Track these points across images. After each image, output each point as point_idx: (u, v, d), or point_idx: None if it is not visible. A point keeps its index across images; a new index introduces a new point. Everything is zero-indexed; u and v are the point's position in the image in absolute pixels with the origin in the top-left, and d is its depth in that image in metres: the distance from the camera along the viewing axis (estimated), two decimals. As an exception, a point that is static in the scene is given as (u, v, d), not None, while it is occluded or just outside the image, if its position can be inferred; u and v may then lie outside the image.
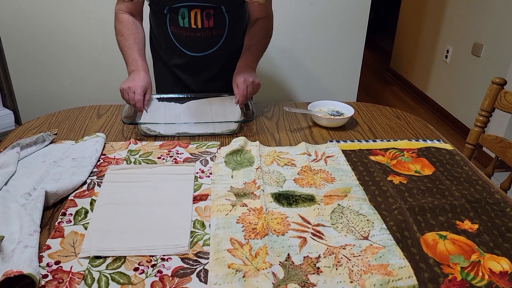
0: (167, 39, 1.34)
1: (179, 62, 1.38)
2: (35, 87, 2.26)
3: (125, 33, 1.26)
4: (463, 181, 0.95)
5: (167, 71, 1.42)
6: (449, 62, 3.15)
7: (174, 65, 1.40)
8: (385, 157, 1.06)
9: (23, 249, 0.68)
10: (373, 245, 0.75)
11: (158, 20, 1.32)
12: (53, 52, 2.19)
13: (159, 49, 1.42)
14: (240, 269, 0.69)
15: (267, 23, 1.35)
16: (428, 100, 3.48)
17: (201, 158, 1.04)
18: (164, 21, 1.30)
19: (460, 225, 0.81)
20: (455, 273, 0.70)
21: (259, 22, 1.33)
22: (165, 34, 1.33)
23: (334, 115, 1.25)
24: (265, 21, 1.34)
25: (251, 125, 1.24)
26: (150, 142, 1.11)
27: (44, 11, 2.08)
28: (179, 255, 0.73)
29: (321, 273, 0.69)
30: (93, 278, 0.67)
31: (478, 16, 2.80)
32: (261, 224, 0.79)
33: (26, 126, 1.21)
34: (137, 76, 1.21)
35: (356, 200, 0.88)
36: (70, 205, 0.85)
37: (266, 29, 1.35)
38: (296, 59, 2.36)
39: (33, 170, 0.96)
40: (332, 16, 2.26)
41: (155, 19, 1.35)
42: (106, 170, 0.97)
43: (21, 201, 0.83)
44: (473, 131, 1.33)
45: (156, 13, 1.33)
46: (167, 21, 1.29)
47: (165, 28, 1.31)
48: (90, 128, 1.19)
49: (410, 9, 3.85)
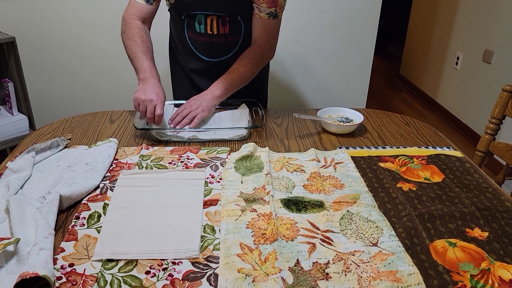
0: (184, 44, 1.37)
1: (195, 67, 1.41)
2: (48, 93, 2.30)
3: (138, 40, 1.27)
4: (473, 189, 0.95)
5: (184, 76, 1.45)
6: (460, 69, 3.14)
7: (191, 69, 1.42)
8: (395, 164, 1.06)
9: (39, 251, 0.69)
10: (382, 252, 0.75)
11: (177, 25, 1.36)
12: (66, 60, 2.23)
13: (177, 54, 1.45)
14: (250, 274, 0.70)
15: (260, 50, 1.30)
16: (438, 107, 3.47)
17: (211, 164, 1.05)
18: (182, 26, 1.33)
19: (470, 232, 0.81)
20: (464, 281, 0.70)
21: (254, 46, 1.30)
22: (182, 39, 1.36)
23: (344, 121, 1.25)
24: (260, 46, 1.29)
25: (261, 131, 1.25)
26: (161, 147, 1.13)
27: (57, 21, 2.13)
28: (190, 259, 0.74)
29: (330, 279, 0.69)
30: (106, 281, 0.69)
31: (489, 22, 2.79)
32: (271, 229, 0.80)
33: (41, 131, 1.23)
34: (157, 88, 1.19)
35: (365, 206, 0.88)
36: (84, 208, 0.87)
37: (255, 56, 1.29)
38: (306, 66, 2.37)
39: (48, 174, 0.98)
40: (342, 22, 2.27)
41: (174, 25, 1.39)
42: (119, 174, 0.98)
43: (36, 205, 0.85)
44: (484, 138, 1.32)
45: (175, 19, 1.36)
46: (185, 26, 1.32)
47: (182, 33, 1.34)
48: (103, 134, 1.21)
49: (420, 15, 3.85)
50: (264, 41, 1.30)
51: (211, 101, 1.24)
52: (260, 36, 1.29)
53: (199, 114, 1.21)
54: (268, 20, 1.26)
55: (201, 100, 1.24)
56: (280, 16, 1.27)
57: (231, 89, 1.28)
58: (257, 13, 1.25)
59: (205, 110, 1.23)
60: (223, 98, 1.27)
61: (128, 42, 1.27)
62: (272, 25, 1.28)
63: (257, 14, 1.26)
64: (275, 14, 1.25)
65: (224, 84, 1.26)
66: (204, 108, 1.23)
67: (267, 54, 1.33)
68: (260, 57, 1.31)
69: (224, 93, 1.26)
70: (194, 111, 1.22)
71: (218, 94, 1.25)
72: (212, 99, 1.24)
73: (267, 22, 1.26)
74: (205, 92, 1.26)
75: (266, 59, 1.35)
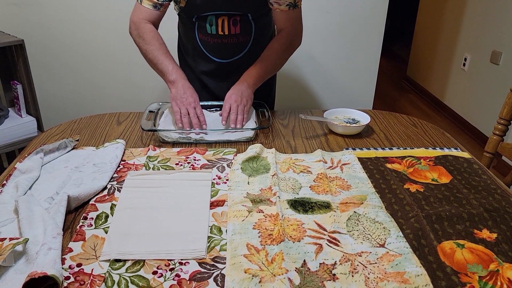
0: (195, 46, 1.37)
1: (206, 69, 1.41)
2: (56, 95, 2.32)
3: (156, 43, 1.26)
4: (481, 190, 0.95)
5: (194, 78, 1.45)
6: (467, 70, 3.12)
7: (201, 71, 1.43)
8: (402, 165, 1.05)
9: (47, 251, 0.70)
10: (390, 253, 0.75)
11: (187, 28, 1.36)
12: (74, 62, 2.25)
13: (186, 57, 1.46)
14: (257, 274, 0.70)
15: (289, 37, 1.31)
16: (445, 108, 3.45)
17: (218, 165, 1.05)
18: (193, 29, 1.33)
19: (478, 234, 0.80)
20: (473, 282, 0.69)
21: (282, 33, 1.32)
22: (193, 42, 1.36)
23: (350, 122, 1.25)
24: (288, 33, 1.31)
25: (267, 132, 1.26)
26: (168, 148, 1.13)
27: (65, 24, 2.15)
28: (197, 260, 0.74)
29: (337, 280, 0.69)
30: (113, 281, 0.69)
31: (496, 23, 2.77)
32: (277, 230, 0.80)
33: (49, 132, 1.24)
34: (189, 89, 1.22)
35: (372, 207, 0.88)
36: (91, 209, 0.87)
37: (285, 42, 1.31)
38: (313, 67, 2.37)
39: (56, 175, 0.99)
40: (349, 24, 2.26)
41: (183, 27, 1.39)
42: (126, 175, 0.99)
43: (44, 205, 0.86)
44: (492, 139, 1.32)
45: (184, 22, 1.36)
46: (195, 28, 1.33)
47: (193, 36, 1.35)
48: (110, 135, 1.22)
49: (427, 16, 3.83)
50: (291, 29, 1.31)
51: (248, 91, 1.25)
52: (286, 25, 1.30)
53: (246, 106, 1.22)
54: (289, 11, 1.26)
55: (240, 91, 1.23)
56: (299, 5, 1.27)
57: (265, 76, 1.29)
58: (277, 8, 1.25)
59: (249, 100, 1.24)
60: (257, 85, 1.28)
61: (147, 47, 1.27)
62: (294, 14, 1.29)
63: (277, 9, 1.26)
64: (294, 4, 1.25)
65: (257, 71, 1.26)
66: (247, 98, 1.23)
67: (296, 41, 1.34)
68: (289, 44, 1.32)
69: (258, 81, 1.28)
70: (241, 104, 1.21)
71: (252, 82, 1.26)
72: (248, 88, 1.25)
73: (289, 13, 1.27)
74: (239, 83, 1.26)
75: (296, 45, 1.35)
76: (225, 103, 1.22)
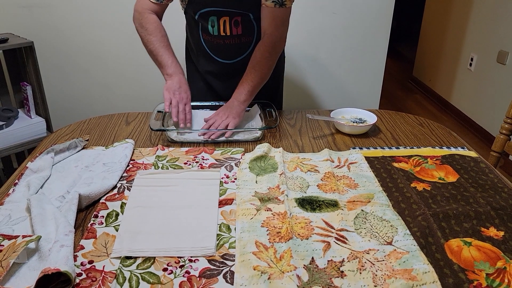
0: (199, 46, 1.39)
1: (210, 69, 1.43)
2: (65, 96, 2.34)
3: (158, 34, 1.27)
4: (488, 189, 0.95)
5: (200, 78, 1.47)
6: (474, 70, 3.11)
7: (206, 71, 1.44)
8: (409, 164, 1.06)
9: (60, 248, 0.71)
10: (397, 250, 0.75)
11: (192, 27, 1.38)
12: (83, 63, 2.27)
13: (193, 57, 1.48)
14: (265, 271, 0.70)
15: (270, 43, 1.26)
16: (451, 108, 3.43)
17: (226, 164, 1.06)
18: (197, 29, 1.35)
19: (485, 232, 0.81)
20: (480, 280, 0.69)
21: (264, 39, 1.28)
22: (198, 41, 1.38)
23: (357, 122, 1.26)
24: (270, 39, 1.26)
25: (275, 132, 1.26)
26: (176, 148, 1.14)
27: (74, 25, 2.18)
28: (206, 257, 0.75)
29: (345, 277, 0.70)
30: (124, 277, 0.70)
31: (503, 23, 2.76)
32: (285, 228, 0.81)
33: (59, 132, 1.26)
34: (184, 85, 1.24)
35: (379, 206, 0.88)
36: (102, 207, 0.89)
37: (267, 49, 1.27)
38: (320, 67, 2.38)
39: (66, 174, 1.00)
40: (355, 24, 2.27)
41: (189, 27, 1.41)
42: (135, 174, 1.00)
43: (56, 204, 0.87)
44: (499, 138, 1.31)
45: (190, 22, 1.38)
46: (199, 28, 1.34)
47: (198, 36, 1.36)
48: (120, 135, 1.23)
49: (433, 16, 3.82)
50: (273, 30, 1.27)
51: (238, 108, 1.25)
52: (269, 25, 1.27)
53: (231, 121, 1.22)
54: (274, 9, 1.23)
55: (229, 109, 1.25)
56: (288, 5, 1.24)
57: (255, 89, 1.28)
58: (263, 3, 1.24)
59: (235, 117, 1.23)
60: (249, 100, 1.28)
61: (149, 37, 1.27)
62: (279, 13, 1.25)
63: (263, 4, 1.24)
64: (281, 3, 1.22)
65: (246, 87, 1.26)
66: (234, 115, 1.23)
67: (278, 44, 1.30)
68: (272, 48, 1.28)
69: (249, 96, 1.27)
70: (225, 120, 1.22)
71: (243, 99, 1.26)
72: (239, 105, 1.25)
73: (274, 11, 1.24)
74: (230, 101, 1.27)
75: (279, 48, 1.32)
76: (211, 117, 1.25)
